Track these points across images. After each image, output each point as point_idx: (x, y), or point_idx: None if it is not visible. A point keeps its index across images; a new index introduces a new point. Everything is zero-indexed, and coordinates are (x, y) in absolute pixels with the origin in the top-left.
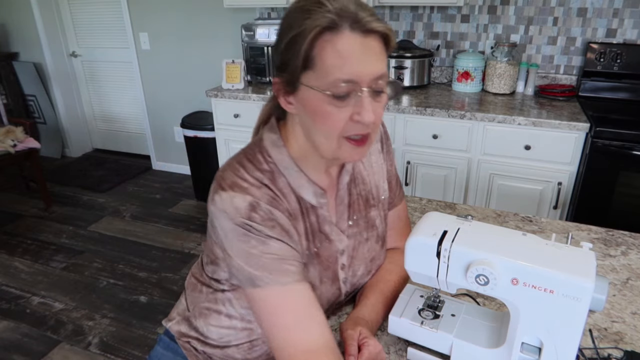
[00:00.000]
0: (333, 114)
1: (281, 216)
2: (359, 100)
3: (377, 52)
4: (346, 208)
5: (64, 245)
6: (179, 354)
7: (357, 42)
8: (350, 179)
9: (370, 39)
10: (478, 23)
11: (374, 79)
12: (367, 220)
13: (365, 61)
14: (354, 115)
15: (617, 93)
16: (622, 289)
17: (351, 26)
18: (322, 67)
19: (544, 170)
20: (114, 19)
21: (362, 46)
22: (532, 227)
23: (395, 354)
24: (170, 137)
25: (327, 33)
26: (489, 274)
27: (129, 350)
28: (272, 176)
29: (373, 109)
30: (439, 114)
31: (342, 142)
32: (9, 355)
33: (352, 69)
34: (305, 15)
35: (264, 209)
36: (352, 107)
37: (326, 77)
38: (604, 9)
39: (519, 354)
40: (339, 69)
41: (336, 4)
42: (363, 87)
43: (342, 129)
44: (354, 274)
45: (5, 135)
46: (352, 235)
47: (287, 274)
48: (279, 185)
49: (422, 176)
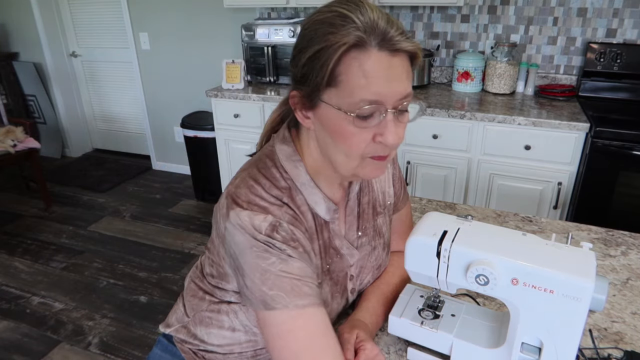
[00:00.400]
0: (355, 134)
1: (302, 237)
2: (383, 121)
3: (404, 71)
4: (355, 218)
5: (64, 245)
6: (177, 356)
7: (384, 62)
8: (359, 188)
9: (398, 58)
10: (478, 23)
11: (400, 100)
12: (374, 228)
13: (392, 81)
14: (376, 137)
15: (617, 93)
16: (622, 289)
17: (379, 44)
18: (346, 86)
19: (544, 170)
20: (114, 19)
21: (390, 65)
22: (532, 227)
23: (395, 354)
24: (170, 137)
25: (353, 50)
26: (489, 274)
27: (129, 350)
28: (290, 193)
29: (396, 130)
30: (439, 114)
31: (364, 161)
32: (9, 355)
33: (378, 89)
34: (331, 30)
35: (286, 229)
36: (375, 128)
37: (350, 96)
38: (604, 9)
39: (519, 354)
40: (365, 89)
41: (364, 18)
42: (388, 108)
43: (364, 149)
44: (361, 282)
45: (5, 135)
46: (361, 245)
47: (304, 296)
48: (297, 203)
49: (422, 176)
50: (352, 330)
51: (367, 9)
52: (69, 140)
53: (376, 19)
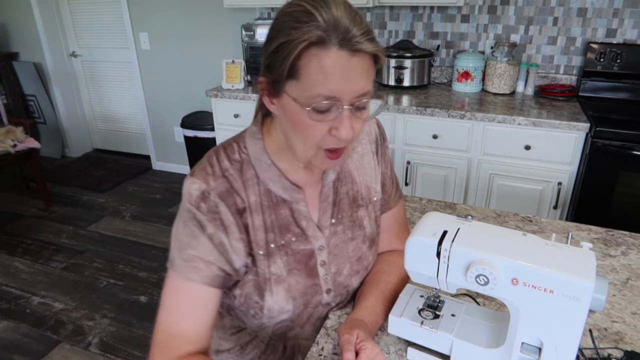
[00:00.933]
0: (311, 126)
1: (226, 212)
2: (339, 116)
3: (363, 70)
4: (330, 205)
5: (64, 245)
6: None
7: (343, 60)
8: (337, 177)
9: (357, 58)
10: (478, 23)
11: (357, 97)
12: (353, 219)
13: (349, 79)
14: (332, 130)
15: (617, 93)
16: (622, 289)
17: (340, 43)
18: (306, 80)
19: (544, 170)
20: (114, 19)
21: (348, 65)
22: (532, 227)
23: (395, 354)
24: (170, 137)
25: (314, 47)
26: (489, 274)
27: (129, 350)
28: (240, 166)
29: (352, 125)
30: (439, 114)
31: (318, 152)
32: (9, 355)
33: (335, 86)
34: (295, 25)
35: (212, 201)
36: (331, 122)
37: (308, 90)
38: (604, 9)
39: (519, 354)
40: (322, 85)
41: (328, 16)
42: (344, 104)
43: (319, 141)
44: (338, 272)
45: (5, 135)
46: (335, 233)
47: (196, 272)
48: (245, 176)
49: (422, 176)
50: (352, 330)
51: (333, 6)
52: (69, 140)
53: (340, 17)
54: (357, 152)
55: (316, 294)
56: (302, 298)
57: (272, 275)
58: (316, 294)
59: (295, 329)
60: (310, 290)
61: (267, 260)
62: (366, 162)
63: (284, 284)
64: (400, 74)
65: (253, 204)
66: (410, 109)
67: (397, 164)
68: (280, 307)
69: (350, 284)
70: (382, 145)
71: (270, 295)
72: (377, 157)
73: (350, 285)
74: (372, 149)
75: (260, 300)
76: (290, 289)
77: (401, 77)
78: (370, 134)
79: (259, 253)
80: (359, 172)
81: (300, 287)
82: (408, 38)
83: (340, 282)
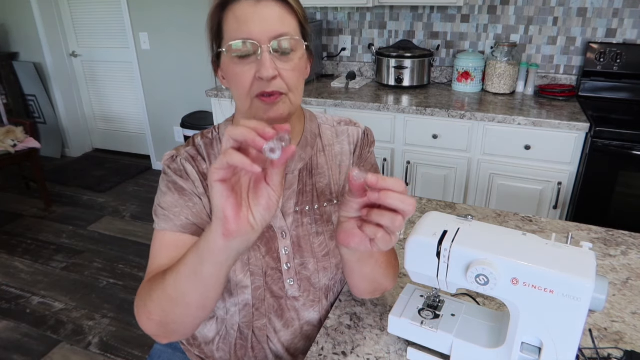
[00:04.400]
0: (239, 74)
1: (192, 171)
2: (260, 59)
3: (274, 13)
4: (295, 194)
5: (64, 245)
6: (178, 349)
7: (250, 7)
8: (304, 168)
9: (263, 4)
10: (478, 23)
11: (272, 38)
12: (320, 213)
13: (259, 22)
14: (257, 73)
15: (617, 93)
16: (622, 289)
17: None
18: (227, 33)
19: (544, 170)
20: (114, 19)
21: (256, 9)
22: (532, 227)
23: (395, 354)
24: (170, 137)
25: (227, 7)
26: (489, 274)
27: (129, 350)
28: (210, 142)
29: (278, 67)
30: (439, 114)
31: (253, 101)
32: (9, 355)
33: (248, 29)
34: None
35: (179, 162)
36: (255, 65)
37: (229, 40)
38: (604, 9)
39: (519, 354)
40: (238, 31)
41: None
42: (261, 45)
43: (249, 87)
44: (303, 265)
45: (5, 135)
46: (301, 224)
47: (167, 221)
48: (213, 151)
49: (422, 176)
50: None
51: None
52: (69, 140)
53: None
54: (334, 150)
55: (278, 280)
56: (262, 278)
57: None
58: (278, 280)
59: (262, 319)
60: (272, 273)
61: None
62: (342, 161)
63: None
64: (400, 74)
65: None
66: (410, 109)
67: (397, 164)
68: (238, 279)
69: (318, 281)
70: (362, 149)
71: None
72: (353, 157)
73: (318, 283)
74: (349, 149)
75: None
76: (250, 262)
77: (401, 77)
78: (352, 136)
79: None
80: (332, 168)
81: (259, 264)
82: (408, 38)
83: (306, 276)
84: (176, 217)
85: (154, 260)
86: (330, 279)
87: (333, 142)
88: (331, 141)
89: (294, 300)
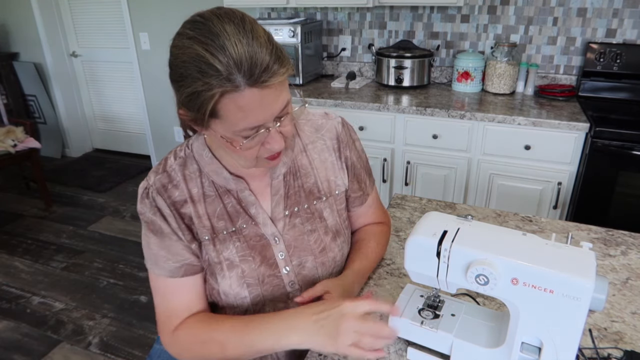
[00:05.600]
0: (244, 150)
1: (163, 204)
2: (268, 135)
3: (277, 92)
4: (282, 198)
5: (64, 245)
6: None
7: (256, 96)
8: (287, 171)
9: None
10: (478, 23)
11: (277, 115)
12: (311, 211)
13: (267, 107)
14: (265, 144)
15: (617, 93)
16: (622, 289)
17: (248, 83)
18: (227, 119)
19: (544, 170)
20: (114, 19)
21: (262, 97)
22: (532, 227)
23: (395, 354)
24: (170, 137)
25: (226, 95)
26: (489, 274)
27: (129, 350)
28: (183, 162)
29: (282, 131)
30: (439, 114)
31: (258, 162)
32: (9, 355)
33: (256, 117)
34: (198, 76)
35: (151, 197)
36: (262, 139)
37: (233, 127)
38: (603, 9)
39: (519, 353)
40: (244, 120)
41: (227, 60)
42: (269, 126)
43: (255, 157)
44: (301, 264)
45: (5, 135)
46: (293, 225)
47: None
48: (187, 170)
49: (422, 176)
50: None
51: (229, 45)
52: (69, 140)
53: (239, 55)
54: (315, 147)
55: (278, 286)
56: (259, 286)
57: (225, 261)
58: (278, 286)
59: None
60: (270, 280)
61: (214, 245)
62: (326, 157)
63: (237, 269)
64: (400, 74)
65: (195, 195)
66: (410, 109)
67: (397, 164)
68: (236, 292)
69: (317, 277)
70: (342, 143)
71: (223, 278)
72: (338, 153)
73: (318, 279)
74: (331, 144)
75: (215, 284)
76: (244, 274)
77: (401, 77)
78: (332, 130)
79: (205, 238)
80: (315, 166)
81: (255, 275)
82: (408, 38)
83: (306, 275)
84: (164, 264)
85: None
86: (329, 273)
87: (314, 139)
88: (311, 137)
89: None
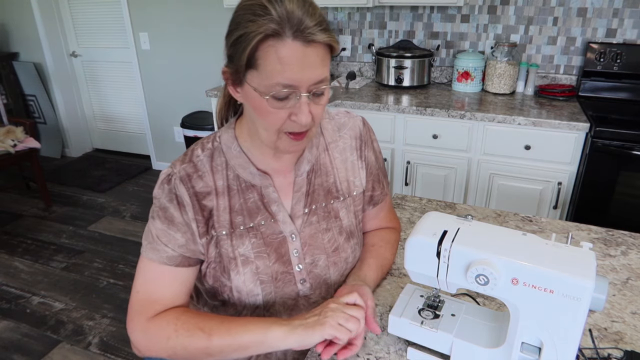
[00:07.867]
0: (271, 113)
1: (184, 194)
2: (298, 103)
3: (318, 59)
4: (304, 195)
5: (64, 245)
6: None
7: (298, 51)
8: (311, 169)
9: (312, 48)
10: (478, 23)
11: (314, 84)
12: (328, 210)
13: (306, 68)
14: (292, 115)
15: (617, 93)
16: (622, 289)
17: (294, 34)
18: (264, 70)
19: (544, 170)
20: (114, 19)
21: (303, 54)
22: (532, 227)
23: (395, 354)
24: (170, 137)
25: (270, 39)
26: (489, 274)
27: (129, 350)
28: (211, 154)
29: (312, 109)
30: (439, 114)
31: (281, 136)
32: (9, 355)
33: (292, 75)
34: (251, 18)
35: (172, 184)
36: (290, 108)
37: (267, 80)
38: (604, 9)
39: (519, 354)
40: (280, 74)
41: (281, 9)
42: (302, 92)
43: (280, 125)
44: (314, 263)
45: (5, 135)
46: (309, 223)
47: (155, 253)
48: (215, 162)
49: (422, 176)
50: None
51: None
52: (69, 140)
53: (292, 10)
54: (337, 146)
55: (290, 283)
56: (272, 283)
57: (240, 256)
58: (290, 282)
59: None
60: (282, 277)
61: (231, 240)
62: (347, 157)
63: (251, 265)
64: (400, 74)
65: (220, 187)
66: (410, 109)
67: (397, 164)
68: (249, 289)
69: (328, 277)
70: (365, 143)
71: (237, 274)
72: (359, 152)
73: (329, 278)
74: (354, 144)
75: (227, 280)
76: (258, 271)
77: (401, 77)
78: (354, 129)
79: (222, 233)
80: (337, 166)
81: (269, 272)
82: (408, 38)
83: (317, 274)
84: (162, 249)
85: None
86: (340, 274)
87: (336, 138)
88: (334, 137)
89: (306, 299)
